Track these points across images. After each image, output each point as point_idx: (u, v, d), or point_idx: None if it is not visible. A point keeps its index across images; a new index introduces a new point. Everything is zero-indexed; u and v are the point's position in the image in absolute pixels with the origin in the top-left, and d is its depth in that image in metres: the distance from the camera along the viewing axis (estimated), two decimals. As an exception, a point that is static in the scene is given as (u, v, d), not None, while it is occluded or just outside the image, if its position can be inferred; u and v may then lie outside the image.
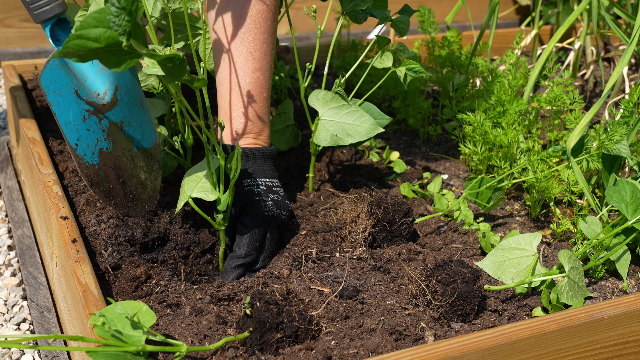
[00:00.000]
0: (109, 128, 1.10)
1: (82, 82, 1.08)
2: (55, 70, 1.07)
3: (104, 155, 1.11)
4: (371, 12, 1.35)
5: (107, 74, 1.09)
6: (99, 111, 1.09)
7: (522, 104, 1.44)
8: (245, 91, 1.21)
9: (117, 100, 1.09)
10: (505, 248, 1.16)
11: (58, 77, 1.07)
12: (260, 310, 0.95)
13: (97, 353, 0.83)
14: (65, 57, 0.89)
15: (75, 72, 1.08)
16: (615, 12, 1.60)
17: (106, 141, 1.11)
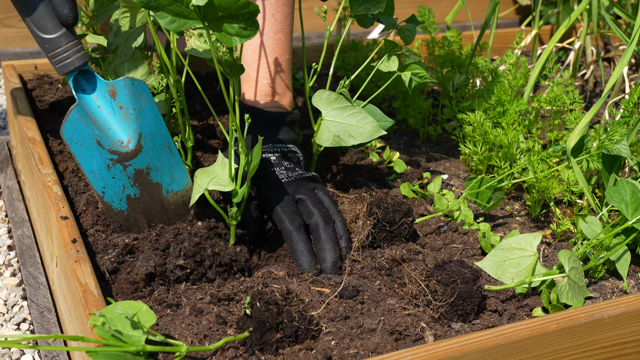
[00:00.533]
0: (135, 175, 1.11)
1: (105, 131, 1.09)
2: (75, 123, 1.08)
3: (132, 201, 1.12)
4: (378, 18, 1.35)
5: (130, 122, 1.10)
6: (123, 159, 1.10)
7: (522, 104, 1.44)
8: (269, 52, 1.21)
9: (142, 147, 1.10)
10: (505, 248, 1.16)
11: (79, 129, 1.08)
12: (260, 310, 0.95)
13: (97, 353, 0.83)
14: None
15: (97, 122, 1.09)
16: (615, 12, 1.60)
17: (133, 187, 1.12)
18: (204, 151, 1.49)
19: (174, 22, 0.92)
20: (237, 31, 0.94)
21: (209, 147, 1.51)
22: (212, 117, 1.61)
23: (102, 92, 1.09)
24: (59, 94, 1.65)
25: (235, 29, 0.94)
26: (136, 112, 1.10)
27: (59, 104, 1.62)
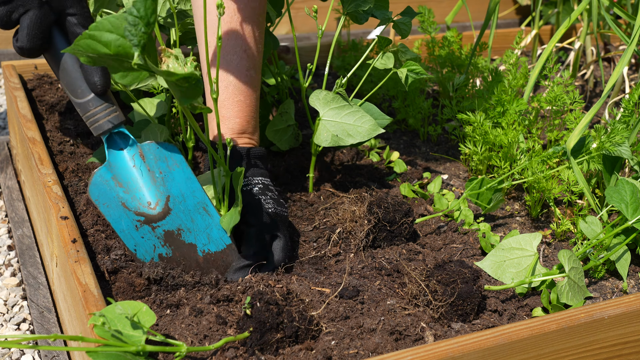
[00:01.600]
0: (165, 236, 1.11)
1: (132, 193, 1.10)
2: (100, 186, 1.09)
3: (164, 259, 1.13)
4: (372, 13, 1.35)
5: (157, 185, 1.10)
6: (150, 221, 1.10)
7: (522, 104, 1.44)
8: (239, 90, 1.20)
9: (170, 209, 1.10)
10: (506, 248, 1.16)
11: (104, 192, 1.09)
12: (260, 311, 0.95)
13: (97, 353, 0.83)
14: (75, 54, 0.87)
15: (123, 184, 1.10)
16: (615, 12, 1.60)
17: (164, 247, 1.12)
18: (204, 151, 1.49)
19: (126, 76, 0.90)
20: (181, 93, 0.93)
21: (209, 147, 1.51)
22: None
23: (135, 153, 1.10)
24: (59, 94, 1.65)
25: (179, 91, 0.93)
26: (162, 175, 1.10)
27: (59, 104, 1.62)
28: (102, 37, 0.85)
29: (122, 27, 0.85)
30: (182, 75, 0.89)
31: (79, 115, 1.59)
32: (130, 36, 0.84)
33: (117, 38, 0.85)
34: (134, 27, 0.83)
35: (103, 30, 0.84)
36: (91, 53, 0.86)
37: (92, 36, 0.85)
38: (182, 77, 0.89)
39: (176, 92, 0.94)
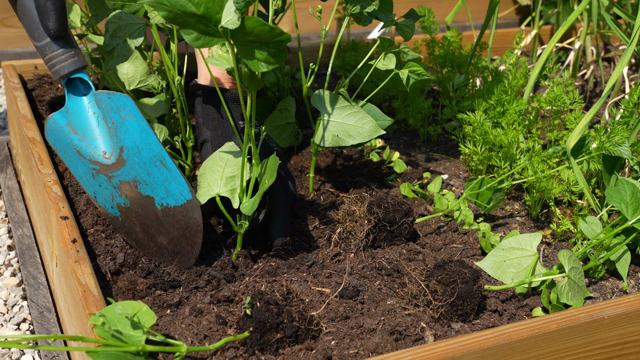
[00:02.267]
0: (121, 186, 1.11)
1: (87, 141, 1.09)
2: (55, 132, 1.08)
3: (123, 210, 1.12)
4: (376, 15, 1.34)
5: (110, 136, 1.09)
6: (105, 170, 1.10)
7: (522, 104, 1.44)
8: None
9: (125, 160, 1.09)
10: (506, 248, 1.16)
11: (59, 138, 1.09)
12: (260, 311, 0.95)
13: (97, 353, 0.83)
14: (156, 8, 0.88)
15: (78, 131, 1.09)
16: (615, 12, 1.60)
17: (121, 197, 1.11)
18: (204, 151, 1.49)
19: (200, 39, 0.92)
20: (266, 58, 0.95)
21: (209, 147, 1.51)
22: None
23: (91, 101, 1.09)
24: (59, 94, 1.65)
25: (264, 56, 0.95)
26: (115, 126, 1.09)
27: (59, 104, 1.62)
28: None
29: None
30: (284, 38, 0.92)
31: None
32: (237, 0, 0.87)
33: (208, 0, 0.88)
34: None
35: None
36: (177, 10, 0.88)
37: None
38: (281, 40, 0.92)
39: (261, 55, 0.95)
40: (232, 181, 1.14)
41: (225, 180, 1.13)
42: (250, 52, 0.94)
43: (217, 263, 1.17)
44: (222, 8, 0.90)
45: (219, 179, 1.13)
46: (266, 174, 1.09)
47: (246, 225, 1.14)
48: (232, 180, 1.14)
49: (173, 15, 0.90)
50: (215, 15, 0.89)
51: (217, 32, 0.91)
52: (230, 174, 1.15)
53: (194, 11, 0.88)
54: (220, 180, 1.13)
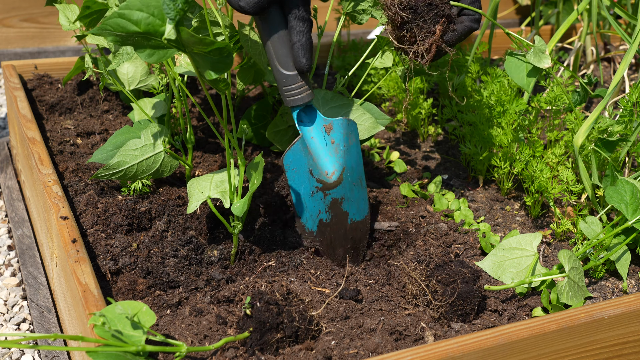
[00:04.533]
0: (331, 203, 1.22)
1: (316, 162, 1.19)
2: (297, 152, 1.19)
3: (322, 225, 1.23)
4: (372, 14, 1.35)
5: (337, 157, 1.20)
6: (325, 188, 1.21)
7: (522, 104, 1.44)
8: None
9: (342, 179, 1.21)
10: (506, 248, 1.16)
11: (299, 158, 1.20)
12: (260, 311, 0.95)
13: (97, 353, 0.83)
14: (102, 35, 0.89)
15: (312, 153, 1.19)
16: (616, 12, 1.60)
17: (326, 214, 1.22)
18: (204, 151, 1.49)
19: (153, 54, 0.92)
20: (211, 65, 0.95)
21: (209, 147, 1.51)
22: (212, 116, 1.61)
23: (319, 127, 1.19)
24: (59, 94, 1.65)
25: (209, 63, 0.95)
26: (345, 148, 1.20)
27: (59, 104, 1.62)
28: (133, 16, 0.87)
29: (151, 5, 0.88)
30: (219, 46, 0.91)
31: (79, 115, 1.59)
32: (167, 10, 0.87)
33: (147, 16, 0.88)
34: (172, 3, 0.86)
35: (133, 9, 0.87)
36: (120, 32, 0.88)
37: (122, 15, 0.87)
38: (218, 47, 0.92)
39: (205, 64, 0.96)
40: (222, 185, 1.16)
41: (215, 184, 1.16)
42: (197, 61, 0.95)
43: (216, 263, 1.18)
44: (165, 20, 0.89)
45: (208, 185, 1.16)
46: (254, 175, 1.10)
47: (239, 226, 1.15)
48: (222, 185, 1.16)
49: (120, 38, 0.89)
50: (159, 29, 0.89)
51: (166, 45, 0.91)
52: (220, 179, 1.17)
53: (136, 30, 0.88)
54: (210, 185, 1.16)
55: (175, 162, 1.27)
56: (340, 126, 1.20)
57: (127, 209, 1.22)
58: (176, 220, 1.23)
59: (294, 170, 1.20)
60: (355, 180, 1.23)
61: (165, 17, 0.89)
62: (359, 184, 1.24)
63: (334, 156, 1.20)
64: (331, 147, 1.20)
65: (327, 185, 1.21)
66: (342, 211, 1.23)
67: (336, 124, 1.20)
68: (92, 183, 1.32)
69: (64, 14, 1.43)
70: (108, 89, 1.65)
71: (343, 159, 1.21)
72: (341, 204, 1.22)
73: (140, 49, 0.91)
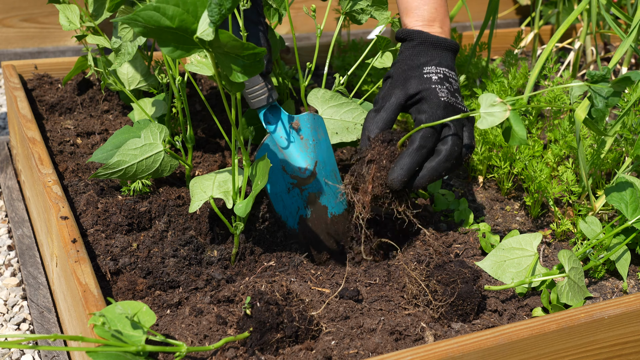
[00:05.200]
0: (308, 198, 1.24)
1: (288, 159, 1.21)
2: (267, 149, 1.20)
3: (303, 221, 1.24)
4: (371, 14, 1.35)
5: (308, 152, 1.22)
6: (301, 184, 1.22)
7: (522, 104, 1.44)
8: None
9: (316, 173, 1.23)
10: (506, 248, 1.16)
11: (270, 156, 1.20)
12: (260, 311, 0.95)
13: (97, 353, 0.83)
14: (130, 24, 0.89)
15: (282, 151, 1.21)
16: (614, 13, 1.60)
17: (306, 209, 1.24)
18: (205, 151, 1.49)
19: (177, 50, 0.92)
20: (241, 69, 0.95)
21: (210, 147, 1.51)
22: (212, 117, 1.61)
23: (287, 125, 1.21)
24: (59, 94, 1.65)
25: (240, 67, 0.95)
26: (314, 143, 1.22)
27: (59, 104, 1.62)
28: (168, 11, 0.87)
29: (188, 2, 0.88)
30: (257, 51, 0.92)
31: (79, 115, 1.59)
32: (212, 13, 0.87)
33: (182, 12, 0.89)
34: (218, 7, 0.87)
35: (170, 4, 0.88)
36: (152, 24, 0.88)
37: (158, 8, 0.87)
38: (254, 52, 0.92)
39: (237, 66, 0.96)
40: (225, 185, 1.16)
41: (218, 184, 1.16)
42: (226, 63, 0.95)
43: (216, 263, 1.18)
44: (198, 18, 0.89)
45: (211, 184, 1.16)
46: (258, 175, 1.10)
47: (241, 227, 1.15)
48: (225, 185, 1.16)
49: (148, 30, 0.90)
50: (190, 26, 0.89)
51: (194, 43, 0.92)
52: (223, 179, 1.17)
53: (168, 25, 0.88)
54: (213, 185, 1.16)
55: (175, 162, 1.27)
56: (306, 121, 1.22)
57: (127, 209, 1.22)
58: (176, 220, 1.23)
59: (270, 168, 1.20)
60: (329, 173, 1.24)
61: (198, 15, 0.90)
62: (333, 177, 1.25)
63: (305, 151, 1.22)
64: (301, 143, 1.22)
65: (302, 180, 1.22)
66: (320, 206, 1.24)
67: (302, 120, 1.22)
68: (92, 183, 1.32)
69: (64, 14, 1.43)
70: (108, 89, 1.65)
71: (314, 153, 1.23)
72: (318, 198, 1.24)
73: (165, 43, 0.91)
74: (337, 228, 1.25)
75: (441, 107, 1.15)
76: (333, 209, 1.25)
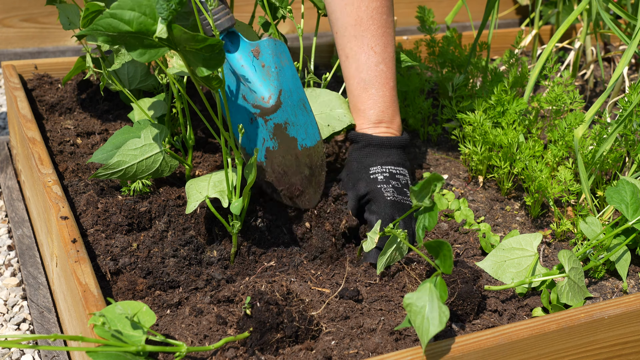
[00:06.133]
0: (274, 129, 1.19)
1: (249, 87, 1.17)
2: (228, 77, 1.16)
3: (270, 154, 1.20)
4: None
5: (271, 80, 1.18)
6: (264, 114, 1.18)
7: (522, 104, 1.44)
8: (373, 84, 1.29)
9: (281, 103, 1.18)
10: (506, 248, 1.16)
11: (229, 83, 1.17)
12: (260, 311, 0.95)
13: (97, 353, 0.83)
14: (93, 35, 0.90)
15: (242, 80, 1.17)
16: (615, 12, 1.60)
17: (272, 141, 1.19)
18: (205, 151, 1.49)
19: (145, 53, 0.92)
20: (203, 62, 0.96)
21: (210, 147, 1.51)
22: (212, 117, 1.61)
23: (246, 52, 1.17)
24: (59, 94, 1.65)
25: (201, 60, 0.95)
26: (277, 70, 1.18)
27: (59, 104, 1.62)
28: (124, 16, 0.87)
29: (143, 5, 0.88)
30: (211, 42, 0.91)
31: (79, 115, 1.59)
32: (161, 10, 0.87)
33: (139, 15, 0.88)
34: (166, 3, 0.87)
35: (125, 9, 0.87)
36: (111, 32, 0.88)
37: (114, 15, 0.87)
38: (210, 44, 0.92)
39: (197, 61, 0.96)
40: (220, 185, 1.16)
41: (213, 184, 1.16)
42: (190, 59, 0.96)
43: (216, 263, 1.18)
44: (156, 19, 0.89)
45: (207, 185, 1.16)
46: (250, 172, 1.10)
47: (238, 225, 1.15)
48: (221, 184, 1.16)
49: (111, 38, 0.89)
50: (151, 28, 0.89)
51: (158, 44, 0.92)
52: (218, 179, 1.17)
53: (127, 29, 0.88)
54: (209, 185, 1.16)
55: (175, 162, 1.27)
56: (267, 47, 1.18)
57: (127, 209, 1.22)
58: (176, 220, 1.23)
59: (228, 97, 1.17)
60: (296, 103, 1.20)
61: (157, 16, 0.89)
62: (302, 107, 1.21)
63: (267, 80, 1.18)
64: (262, 71, 1.17)
65: (266, 110, 1.18)
66: (288, 137, 1.20)
67: (262, 46, 1.17)
68: (92, 183, 1.32)
69: (64, 13, 1.43)
70: (108, 89, 1.65)
71: (277, 82, 1.18)
72: (286, 129, 1.19)
73: (131, 48, 0.91)
74: (310, 161, 1.21)
75: (388, 205, 1.22)
76: (304, 140, 1.21)
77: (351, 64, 1.29)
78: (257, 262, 1.21)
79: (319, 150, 1.23)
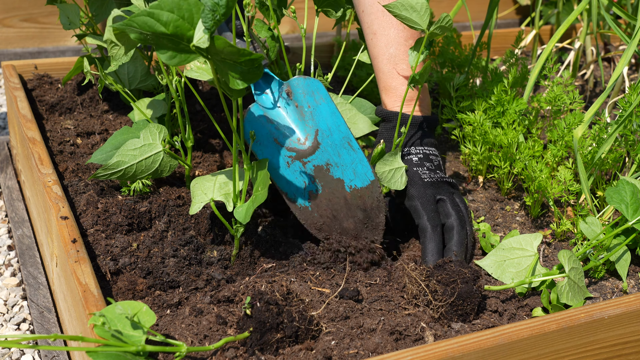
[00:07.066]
0: (315, 171, 1.15)
1: (283, 130, 1.13)
2: (253, 122, 1.12)
3: (314, 197, 1.15)
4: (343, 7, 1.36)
5: (305, 120, 1.13)
6: (301, 156, 1.14)
7: (522, 104, 1.44)
8: (403, 59, 1.26)
9: (319, 143, 1.14)
10: (506, 248, 1.16)
11: (257, 128, 1.12)
12: (260, 311, 0.95)
13: (97, 353, 0.83)
14: (126, 31, 0.88)
15: (273, 121, 1.12)
16: (615, 12, 1.60)
17: (314, 184, 1.15)
18: (204, 151, 1.49)
19: (175, 57, 0.90)
20: (240, 75, 0.94)
21: (209, 147, 1.51)
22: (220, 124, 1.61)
23: (279, 92, 1.13)
24: (59, 94, 1.65)
25: (238, 73, 0.94)
26: (311, 109, 1.13)
27: (59, 104, 1.62)
28: (162, 17, 0.86)
29: (183, 8, 0.86)
30: (255, 57, 0.90)
31: (79, 115, 1.59)
32: (205, 19, 0.85)
33: (176, 18, 0.87)
34: (211, 13, 0.85)
35: (164, 10, 0.86)
36: (146, 30, 0.87)
37: (152, 14, 0.85)
38: (252, 58, 0.90)
39: (235, 73, 0.94)
40: (226, 187, 1.14)
41: (219, 186, 1.14)
42: (225, 70, 0.94)
43: (216, 263, 1.18)
44: (194, 25, 0.88)
45: (212, 186, 1.14)
46: (258, 182, 1.08)
47: (242, 229, 1.14)
48: (226, 187, 1.14)
49: (144, 36, 0.88)
50: (186, 33, 0.87)
51: (191, 50, 0.90)
52: (224, 181, 1.15)
53: (163, 31, 0.86)
54: (214, 187, 1.14)
55: (175, 162, 1.27)
56: (297, 87, 1.13)
57: (127, 209, 1.22)
58: (176, 220, 1.23)
59: (258, 142, 1.13)
60: (339, 142, 1.14)
61: (194, 22, 0.87)
62: (347, 146, 1.14)
63: (302, 120, 1.14)
64: (296, 112, 1.13)
65: (302, 152, 1.13)
66: (332, 179, 1.15)
67: (293, 85, 1.13)
68: (92, 183, 1.32)
69: (64, 13, 1.43)
70: (108, 89, 1.65)
71: (312, 122, 1.14)
72: (328, 171, 1.14)
73: (162, 50, 0.90)
74: (362, 203, 1.15)
75: (427, 186, 1.20)
76: (352, 181, 1.14)
77: (379, 40, 1.25)
78: (257, 262, 1.20)
79: (374, 191, 1.15)
